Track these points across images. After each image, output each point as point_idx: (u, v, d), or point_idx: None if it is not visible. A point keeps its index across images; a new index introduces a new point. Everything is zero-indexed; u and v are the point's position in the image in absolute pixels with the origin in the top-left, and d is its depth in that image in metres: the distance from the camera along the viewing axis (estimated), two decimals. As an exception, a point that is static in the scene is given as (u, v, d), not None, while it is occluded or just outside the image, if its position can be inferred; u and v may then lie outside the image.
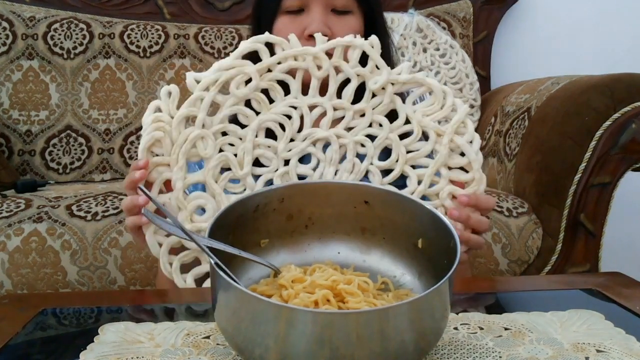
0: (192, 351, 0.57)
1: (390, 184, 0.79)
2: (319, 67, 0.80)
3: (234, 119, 0.80)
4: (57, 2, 1.78)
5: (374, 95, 0.81)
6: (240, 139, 0.78)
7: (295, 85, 0.80)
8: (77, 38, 1.71)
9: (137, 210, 0.75)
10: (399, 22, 1.73)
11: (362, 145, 0.80)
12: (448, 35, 1.79)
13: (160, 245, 0.76)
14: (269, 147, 0.79)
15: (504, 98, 1.59)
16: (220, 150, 0.78)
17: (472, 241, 0.77)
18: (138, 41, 1.74)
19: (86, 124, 1.68)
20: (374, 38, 0.81)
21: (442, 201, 0.78)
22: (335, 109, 0.80)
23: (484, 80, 1.88)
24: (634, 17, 1.99)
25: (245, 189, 0.78)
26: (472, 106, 1.74)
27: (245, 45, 0.79)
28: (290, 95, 0.80)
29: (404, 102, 0.81)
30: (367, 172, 0.80)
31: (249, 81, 0.78)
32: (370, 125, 0.80)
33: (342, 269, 0.62)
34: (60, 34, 1.70)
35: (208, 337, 0.59)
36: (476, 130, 1.68)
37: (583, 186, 1.23)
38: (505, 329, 0.61)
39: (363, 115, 0.80)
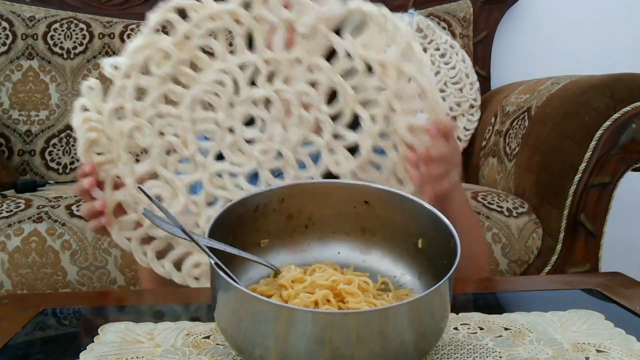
0: (192, 351, 0.57)
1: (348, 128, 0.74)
2: (240, 23, 0.73)
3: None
4: (57, 2, 1.78)
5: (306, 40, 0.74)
6: (179, 119, 0.74)
7: (219, 47, 0.73)
8: (77, 38, 1.71)
9: (97, 214, 0.74)
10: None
11: (306, 95, 0.73)
12: (448, 35, 1.79)
13: (130, 240, 0.75)
14: (209, 120, 0.74)
15: (504, 98, 1.59)
16: (161, 134, 0.74)
17: (437, 179, 0.71)
18: (138, 41, 1.73)
19: (86, 124, 1.68)
20: None
21: (401, 137, 0.72)
22: (267, 63, 0.73)
23: (484, 80, 1.88)
24: (634, 17, 1.99)
25: (196, 168, 0.75)
26: (472, 106, 1.74)
27: (155, 18, 0.73)
28: (216, 59, 0.73)
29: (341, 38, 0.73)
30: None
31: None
32: (310, 72, 0.74)
33: (342, 269, 0.62)
34: (60, 34, 1.70)
35: (208, 337, 0.59)
36: (476, 130, 1.71)
37: (583, 186, 1.23)
38: (506, 329, 0.61)
39: (300, 62, 0.74)
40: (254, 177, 0.75)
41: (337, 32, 0.73)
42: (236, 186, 0.74)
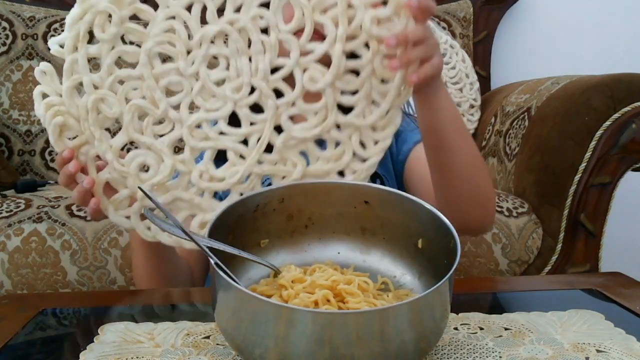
0: (192, 351, 0.57)
1: (310, 41, 0.69)
2: None
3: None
4: (56, 2, 1.78)
5: None
6: (140, 79, 0.70)
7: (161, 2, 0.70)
8: (77, 38, 1.71)
9: (88, 197, 0.70)
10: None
11: (261, 18, 0.69)
12: (448, 35, 1.79)
13: (129, 218, 0.72)
14: (171, 71, 0.70)
15: (504, 98, 1.59)
16: (127, 100, 0.70)
17: (420, 57, 0.66)
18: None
19: (86, 123, 1.68)
20: None
21: (368, 32, 0.67)
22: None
23: (484, 80, 1.88)
24: (634, 17, 1.99)
25: (174, 125, 0.71)
26: (472, 106, 1.74)
27: None
28: (159, 7, 0.69)
29: None
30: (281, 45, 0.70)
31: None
32: None
33: (342, 269, 0.62)
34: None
35: (208, 337, 0.59)
36: (476, 130, 1.71)
37: (583, 186, 1.23)
38: (506, 329, 0.61)
39: None
40: (233, 118, 0.71)
41: None
42: (219, 133, 0.71)
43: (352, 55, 0.70)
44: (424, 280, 0.63)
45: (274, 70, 0.70)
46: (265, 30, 0.70)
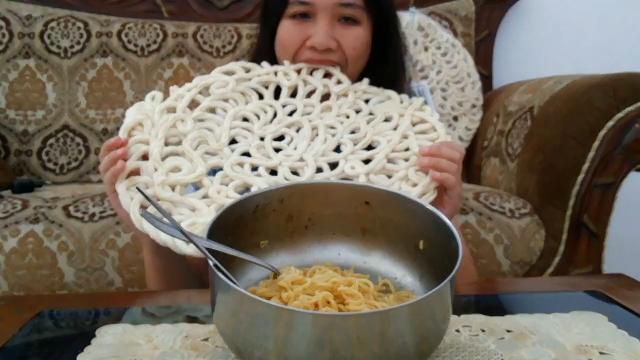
0: (190, 353, 0.57)
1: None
2: (289, 79, 0.89)
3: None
4: (54, 1, 1.77)
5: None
6: (219, 125, 0.83)
7: (268, 93, 0.88)
8: (74, 37, 1.70)
9: (115, 161, 0.74)
10: (400, 21, 1.72)
11: (332, 128, 0.84)
12: (450, 34, 1.79)
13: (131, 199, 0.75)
14: (244, 129, 0.83)
15: (506, 97, 1.59)
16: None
17: (442, 164, 0.77)
18: (136, 40, 1.73)
19: (83, 123, 1.68)
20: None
21: (413, 151, 0.81)
22: (305, 106, 0.87)
23: (486, 79, 1.88)
24: (637, 15, 1.99)
25: (221, 158, 0.80)
26: (474, 106, 1.73)
27: (223, 67, 0.90)
28: (264, 100, 0.88)
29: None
30: (339, 145, 0.83)
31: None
32: (337, 117, 0.86)
33: (342, 271, 0.62)
34: (57, 33, 1.70)
35: (207, 340, 0.60)
36: (478, 129, 1.71)
37: (586, 187, 1.23)
38: (508, 331, 0.61)
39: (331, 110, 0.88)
40: (273, 173, 0.79)
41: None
42: (255, 175, 0.78)
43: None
44: (425, 281, 0.63)
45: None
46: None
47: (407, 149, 0.81)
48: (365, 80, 0.91)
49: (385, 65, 0.94)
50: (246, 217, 0.63)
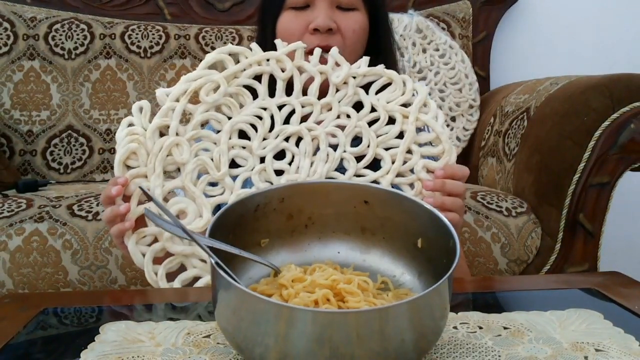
0: (192, 350, 0.57)
1: (365, 168, 0.81)
2: (283, 70, 0.84)
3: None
4: (58, 3, 1.78)
5: (337, 91, 0.85)
6: (215, 143, 0.80)
7: (262, 88, 0.83)
8: (78, 38, 1.71)
9: (119, 219, 0.75)
10: (399, 23, 1.73)
11: (334, 136, 0.82)
12: (447, 35, 1.79)
13: (144, 255, 0.76)
14: (243, 147, 0.81)
15: (503, 98, 1.59)
16: (197, 156, 0.79)
17: (447, 204, 0.77)
18: (139, 42, 1.74)
19: (87, 124, 1.68)
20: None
21: (417, 175, 0.80)
22: (302, 106, 0.83)
23: (484, 80, 1.88)
24: (633, 17, 1.99)
25: (224, 191, 0.79)
26: (471, 106, 1.74)
27: (211, 56, 0.83)
28: (258, 98, 0.83)
29: (367, 93, 0.85)
30: (341, 160, 0.82)
31: (217, 90, 0.81)
32: (338, 117, 0.83)
33: (342, 269, 0.62)
34: (61, 35, 1.70)
35: (208, 337, 0.59)
36: (475, 130, 1.71)
37: (582, 186, 1.23)
38: (505, 328, 0.61)
39: (330, 109, 0.84)
40: None
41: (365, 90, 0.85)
42: None
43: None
44: (423, 279, 0.63)
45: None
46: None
47: (411, 170, 0.81)
48: (364, 60, 0.86)
49: (377, 58, 0.92)
50: (247, 216, 0.63)
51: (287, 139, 0.82)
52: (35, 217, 1.17)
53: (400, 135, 0.82)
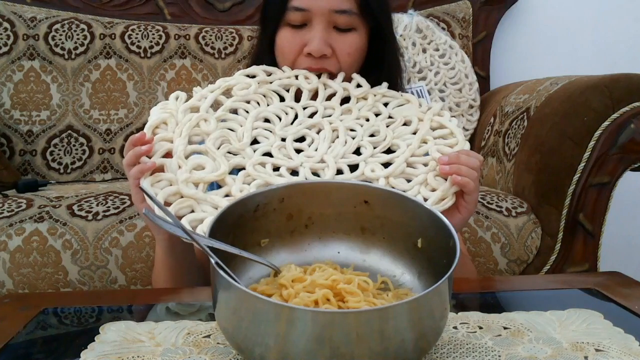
0: (192, 350, 0.57)
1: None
2: (310, 83, 0.90)
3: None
4: (58, 3, 1.78)
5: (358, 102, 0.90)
6: (241, 125, 0.83)
7: (289, 95, 0.89)
8: (78, 38, 1.71)
9: (140, 174, 0.75)
10: (399, 23, 1.73)
11: (352, 130, 0.85)
12: (447, 35, 1.79)
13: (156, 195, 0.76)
14: (266, 129, 0.84)
15: (503, 98, 1.60)
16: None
17: (462, 171, 0.77)
18: (139, 42, 1.74)
19: (87, 124, 1.68)
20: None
21: (432, 157, 0.81)
22: (325, 109, 0.88)
23: (484, 80, 1.88)
24: (632, 17, 1.99)
25: (243, 158, 0.80)
26: (471, 106, 1.74)
27: (245, 70, 0.91)
28: (285, 102, 0.88)
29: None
30: (358, 147, 0.83)
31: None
32: (357, 120, 0.87)
33: (342, 269, 0.62)
34: (61, 35, 1.71)
35: (208, 336, 0.60)
36: (475, 130, 1.71)
37: (582, 186, 1.23)
38: (505, 328, 0.61)
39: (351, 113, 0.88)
40: (294, 173, 0.79)
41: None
42: (277, 175, 0.78)
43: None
44: (423, 279, 0.63)
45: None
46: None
47: (426, 154, 0.82)
48: (384, 84, 0.91)
49: (381, 69, 0.94)
50: (247, 216, 0.63)
51: (308, 129, 0.85)
52: (35, 217, 1.18)
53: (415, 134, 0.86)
